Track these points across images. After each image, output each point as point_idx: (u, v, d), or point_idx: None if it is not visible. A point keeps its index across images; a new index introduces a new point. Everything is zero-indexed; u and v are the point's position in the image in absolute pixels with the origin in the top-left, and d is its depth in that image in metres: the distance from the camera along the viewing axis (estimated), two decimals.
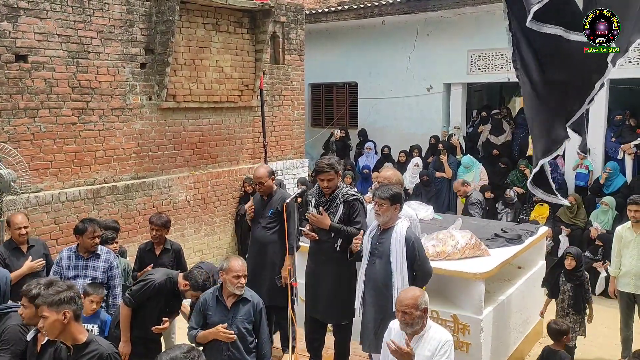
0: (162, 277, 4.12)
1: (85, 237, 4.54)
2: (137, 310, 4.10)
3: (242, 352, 3.67)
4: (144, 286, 4.06)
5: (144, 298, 4.05)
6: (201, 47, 7.83)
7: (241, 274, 3.68)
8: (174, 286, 4.14)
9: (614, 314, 5.99)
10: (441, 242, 5.04)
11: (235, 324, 3.67)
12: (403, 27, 10.93)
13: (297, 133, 9.84)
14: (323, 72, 12.02)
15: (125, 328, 4.05)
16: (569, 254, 5.53)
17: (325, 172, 4.29)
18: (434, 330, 3.31)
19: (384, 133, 11.43)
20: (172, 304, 4.24)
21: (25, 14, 6.01)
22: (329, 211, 4.32)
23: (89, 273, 4.58)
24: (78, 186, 6.64)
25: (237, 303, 3.72)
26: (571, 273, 5.49)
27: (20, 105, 6.06)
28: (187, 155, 7.90)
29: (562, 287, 5.55)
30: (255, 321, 3.75)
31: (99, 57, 6.71)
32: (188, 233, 7.91)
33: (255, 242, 4.87)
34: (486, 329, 4.78)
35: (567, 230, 8.39)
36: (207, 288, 4.07)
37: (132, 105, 7.15)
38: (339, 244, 4.27)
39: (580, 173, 9.11)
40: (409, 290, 3.36)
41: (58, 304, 2.78)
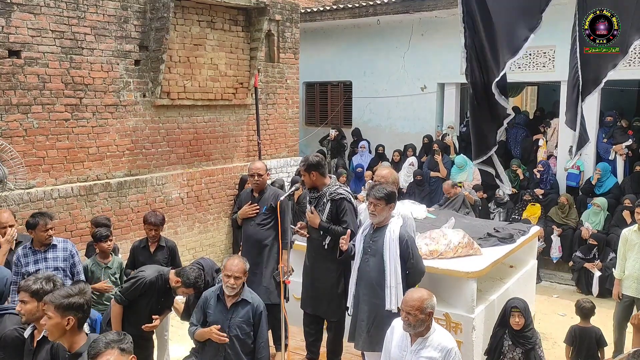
0: (153, 274, 4.11)
1: (37, 231, 4.52)
2: (129, 308, 4.10)
3: (239, 354, 3.65)
4: (134, 283, 4.05)
5: (135, 295, 4.04)
6: (196, 44, 7.82)
7: (231, 274, 3.59)
8: (165, 283, 4.13)
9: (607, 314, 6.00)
10: (434, 241, 5.07)
11: (233, 325, 3.64)
12: (398, 27, 10.96)
13: (291, 131, 9.84)
14: (318, 70, 12.03)
15: (117, 326, 4.03)
16: (514, 308, 4.40)
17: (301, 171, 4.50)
18: (439, 335, 3.27)
19: (378, 132, 11.46)
20: (163, 300, 4.23)
21: (19, 9, 5.97)
22: (317, 209, 4.36)
23: (50, 264, 4.56)
24: (71, 183, 6.61)
25: (237, 304, 3.68)
26: (519, 334, 4.42)
27: (13, 101, 6.02)
28: (181, 153, 7.89)
29: (509, 354, 4.45)
30: (254, 324, 3.70)
31: (92, 53, 6.68)
32: (181, 230, 7.90)
33: (249, 240, 4.84)
34: (478, 327, 4.81)
35: (558, 230, 8.46)
36: (199, 285, 4.06)
37: (126, 102, 7.12)
38: (327, 242, 4.33)
39: (571, 173, 9.18)
40: (416, 292, 3.32)
41: (65, 308, 2.75)
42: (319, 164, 4.38)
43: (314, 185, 4.39)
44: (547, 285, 8.40)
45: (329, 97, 12.58)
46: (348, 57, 11.75)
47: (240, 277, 3.63)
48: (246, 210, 4.81)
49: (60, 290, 2.86)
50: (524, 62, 9.71)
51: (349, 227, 4.23)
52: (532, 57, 9.60)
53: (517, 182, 9.43)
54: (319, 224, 4.30)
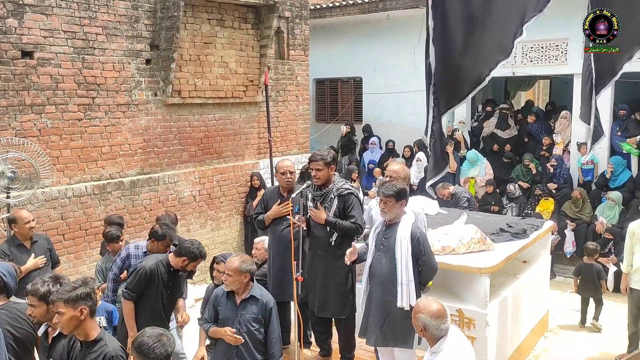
0: (152, 261, 4.17)
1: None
2: (140, 304, 4.13)
3: (250, 350, 3.67)
4: (136, 275, 4.11)
5: (141, 287, 4.09)
6: (206, 42, 7.85)
7: (222, 270, 3.69)
8: (167, 268, 4.16)
9: (623, 309, 5.95)
10: (446, 237, 5.05)
11: (243, 322, 3.67)
12: (407, 22, 10.89)
13: (302, 128, 9.84)
14: (328, 67, 12.00)
15: (131, 323, 4.07)
16: None
17: (314, 162, 4.28)
18: (442, 358, 3.09)
19: (389, 128, 11.42)
20: (171, 285, 4.23)
21: (31, 10, 6.03)
22: (323, 205, 4.30)
23: None
24: (84, 182, 6.67)
25: (246, 301, 3.70)
26: None
27: (27, 102, 6.09)
28: (192, 151, 7.93)
29: None
30: (265, 320, 3.70)
31: (104, 53, 6.73)
32: (194, 228, 7.95)
33: (282, 241, 4.52)
34: (491, 323, 4.79)
35: (572, 225, 8.38)
36: (204, 253, 4.11)
37: (138, 101, 7.17)
38: (334, 239, 4.26)
39: (585, 167, 9.09)
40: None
41: (75, 300, 2.80)
42: (335, 159, 4.38)
43: (327, 180, 4.34)
44: (561, 280, 8.33)
45: (339, 93, 12.55)
46: (358, 53, 11.71)
47: (231, 274, 3.61)
48: (279, 209, 4.54)
49: (64, 286, 2.91)
50: (535, 56, 9.62)
51: (356, 222, 4.19)
52: (544, 50, 9.50)
53: (530, 177, 9.35)
54: (325, 219, 4.23)
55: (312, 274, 4.41)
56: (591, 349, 6.09)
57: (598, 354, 5.99)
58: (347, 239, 4.28)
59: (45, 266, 4.93)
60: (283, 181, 4.61)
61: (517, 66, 9.71)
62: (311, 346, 4.84)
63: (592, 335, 6.47)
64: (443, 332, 3.09)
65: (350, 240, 4.32)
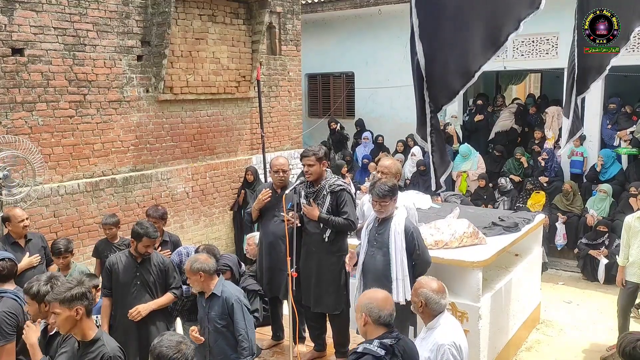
0: (116, 253, 4.37)
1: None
2: (118, 297, 4.14)
3: (222, 347, 3.70)
4: (102, 270, 4.24)
5: (109, 280, 4.14)
6: (197, 38, 7.81)
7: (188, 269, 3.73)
8: (130, 257, 4.17)
9: (614, 300, 6.02)
10: (439, 231, 5.09)
11: (211, 319, 3.71)
12: (399, 16, 10.88)
13: (294, 123, 9.84)
14: (320, 62, 12.00)
15: (105, 320, 4.12)
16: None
17: (306, 157, 4.29)
18: (439, 332, 3.15)
19: (381, 123, 11.44)
20: (139, 275, 4.17)
21: (21, 7, 5.98)
22: (316, 202, 4.31)
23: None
24: (77, 179, 6.65)
25: (210, 298, 3.74)
26: None
27: (18, 99, 6.05)
28: (185, 147, 7.91)
29: None
30: (229, 316, 3.70)
31: (95, 49, 6.69)
32: (187, 224, 7.94)
33: (274, 236, 4.53)
34: (484, 316, 4.84)
35: (563, 218, 8.46)
36: (150, 232, 4.09)
37: (130, 98, 7.14)
38: (328, 235, 4.28)
39: (575, 160, 9.17)
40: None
41: (70, 300, 2.80)
42: (327, 154, 4.40)
43: (319, 176, 4.35)
44: (553, 272, 8.42)
45: (332, 88, 12.56)
46: (350, 47, 11.71)
47: (189, 276, 3.72)
48: (260, 198, 4.49)
49: (60, 286, 2.91)
50: (526, 50, 9.67)
51: (349, 218, 4.21)
52: (535, 44, 9.55)
53: (522, 170, 9.43)
54: (319, 216, 4.24)
55: (306, 270, 4.43)
56: (582, 341, 6.17)
57: (589, 345, 6.08)
58: (341, 235, 4.31)
59: (39, 264, 4.91)
60: (276, 179, 4.61)
61: (508, 60, 9.76)
62: (305, 341, 4.87)
63: (583, 327, 6.55)
64: (442, 308, 3.18)
65: (343, 236, 4.35)
